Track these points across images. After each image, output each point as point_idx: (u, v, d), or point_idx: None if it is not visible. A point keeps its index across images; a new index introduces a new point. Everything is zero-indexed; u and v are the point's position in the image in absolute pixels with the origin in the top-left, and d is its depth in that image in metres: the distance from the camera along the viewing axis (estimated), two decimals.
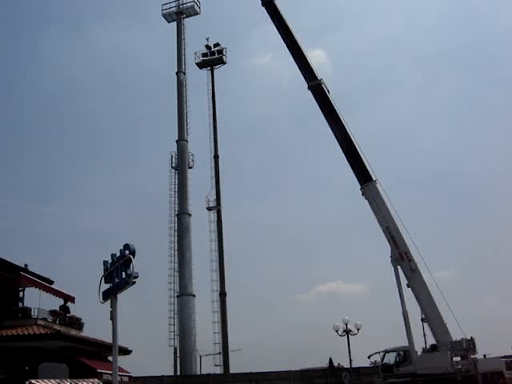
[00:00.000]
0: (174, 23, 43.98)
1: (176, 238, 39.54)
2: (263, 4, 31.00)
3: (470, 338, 23.42)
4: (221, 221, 41.38)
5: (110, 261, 17.13)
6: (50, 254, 59.50)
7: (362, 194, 26.50)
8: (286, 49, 29.92)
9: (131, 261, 15.58)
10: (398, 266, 25.04)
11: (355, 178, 26.84)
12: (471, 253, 60.37)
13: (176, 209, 40.19)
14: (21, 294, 26.52)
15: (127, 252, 16.14)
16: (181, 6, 43.71)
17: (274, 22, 30.63)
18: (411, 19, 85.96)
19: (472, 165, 71.36)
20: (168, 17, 44.04)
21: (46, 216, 71.63)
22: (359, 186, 26.56)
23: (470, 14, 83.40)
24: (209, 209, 41.72)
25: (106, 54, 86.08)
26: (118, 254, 16.61)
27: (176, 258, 39.21)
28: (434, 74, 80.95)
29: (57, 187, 73.57)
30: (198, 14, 43.94)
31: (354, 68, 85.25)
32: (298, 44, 29.60)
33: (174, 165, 41.24)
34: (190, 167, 41.46)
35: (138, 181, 70.34)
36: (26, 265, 25.40)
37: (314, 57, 67.44)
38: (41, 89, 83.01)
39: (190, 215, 39.77)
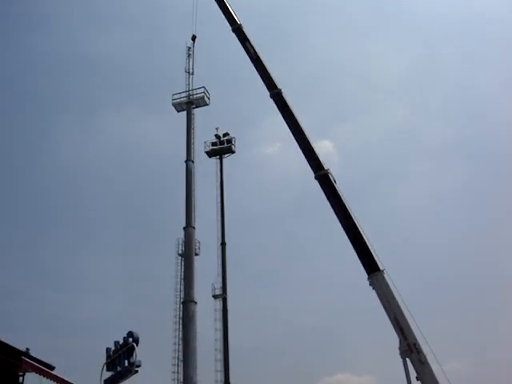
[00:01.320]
0: (184, 112, 44.95)
1: (181, 327, 38.83)
2: (271, 96, 31.92)
3: None
4: (226, 309, 40.82)
5: (112, 348, 16.86)
6: (51, 339, 58.20)
7: (370, 284, 26.26)
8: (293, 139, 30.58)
9: (135, 349, 15.36)
10: (407, 359, 24.44)
11: (361, 267, 26.69)
12: (484, 344, 58.73)
13: (181, 296, 39.66)
14: (20, 378, 25.93)
15: (131, 340, 15.94)
16: (191, 97, 44.73)
17: (281, 113, 31.39)
18: (417, 110, 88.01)
19: (484, 258, 70.54)
20: (178, 106, 45.01)
21: (49, 300, 70.85)
22: (366, 276, 26.36)
23: (479, 105, 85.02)
24: (214, 297, 41.28)
25: (115, 141, 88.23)
26: (121, 342, 16.37)
27: (181, 346, 38.36)
28: (443, 165, 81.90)
29: (62, 272, 73.24)
30: (207, 104, 44.95)
31: (362, 158, 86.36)
32: (304, 135, 30.21)
33: (180, 251, 40.94)
34: (197, 254, 41.17)
35: (143, 267, 69.80)
36: (27, 349, 24.91)
37: (322, 147, 68.53)
38: (48, 174, 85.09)
39: (196, 303, 39.16)
